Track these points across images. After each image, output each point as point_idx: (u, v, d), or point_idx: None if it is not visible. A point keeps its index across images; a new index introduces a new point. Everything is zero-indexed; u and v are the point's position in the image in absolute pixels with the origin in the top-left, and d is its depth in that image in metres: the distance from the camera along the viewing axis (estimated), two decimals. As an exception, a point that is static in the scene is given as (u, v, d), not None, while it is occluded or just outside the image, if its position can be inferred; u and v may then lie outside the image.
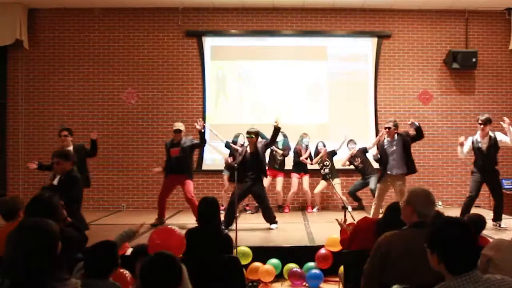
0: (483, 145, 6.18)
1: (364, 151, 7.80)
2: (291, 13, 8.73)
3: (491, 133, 6.22)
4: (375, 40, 8.73)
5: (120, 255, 2.69)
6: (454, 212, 7.17)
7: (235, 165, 6.22)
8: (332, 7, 8.66)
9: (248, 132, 6.38)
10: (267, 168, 7.88)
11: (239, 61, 8.78)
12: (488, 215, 5.81)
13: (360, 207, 7.83)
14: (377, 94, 8.71)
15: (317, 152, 7.94)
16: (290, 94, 8.71)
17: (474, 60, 8.44)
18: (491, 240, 3.26)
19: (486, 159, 6.17)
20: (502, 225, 6.11)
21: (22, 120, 8.58)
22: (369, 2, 8.39)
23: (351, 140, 7.95)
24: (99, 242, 2.57)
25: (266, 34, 8.75)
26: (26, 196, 7.55)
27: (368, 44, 8.77)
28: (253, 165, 6.29)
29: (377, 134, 8.47)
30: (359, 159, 7.78)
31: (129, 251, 4.57)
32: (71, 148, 6.21)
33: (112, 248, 2.50)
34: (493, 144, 6.16)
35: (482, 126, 6.18)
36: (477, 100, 8.78)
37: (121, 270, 2.97)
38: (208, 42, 8.78)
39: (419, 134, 6.21)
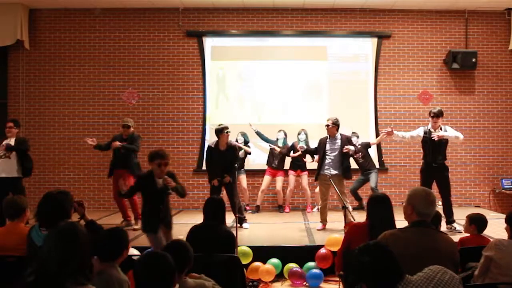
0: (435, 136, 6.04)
1: (367, 146, 7.80)
2: (291, 13, 8.74)
3: (442, 126, 6.15)
4: (375, 40, 8.74)
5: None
6: (454, 211, 7.17)
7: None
8: (332, 7, 8.68)
9: (226, 128, 6.31)
10: (267, 167, 7.97)
11: (239, 61, 8.79)
12: (488, 214, 5.81)
13: (360, 207, 7.84)
14: (377, 94, 8.72)
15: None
16: (290, 94, 8.73)
17: (474, 60, 8.45)
18: (491, 240, 3.27)
19: (435, 152, 6.06)
20: (457, 228, 5.94)
21: (23, 120, 8.56)
22: (369, 2, 8.40)
23: (353, 133, 7.94)
24: (110, 229, 2.80)
25: (266, 34, 8.76)
26: (28, 195, 7.56)
27: (368, 44, 8.78)
28: (226, 162, 6.28)
29: (377, 134, 8.49)
30: (360, 153, 7.78)
31: (130, 251, 4.60)
32: (13, 139, 6.20)
33: (123, 233, 2.72)
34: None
35: (434, 118, 6.08)
36: (477, 100, 8.80)
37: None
38: (209, 42, 8.79)
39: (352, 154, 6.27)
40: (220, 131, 6.22)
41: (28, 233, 3.10)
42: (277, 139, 7.92)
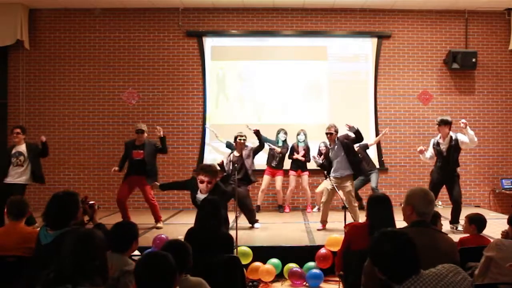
0: (443, 147, 6.11)
1: (365, 147, 7.80)
2: (291, 13, 8.74)
3: (452, 134, 6.14)
4: (375, 40, 8.74)
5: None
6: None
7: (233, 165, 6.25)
8: (332, 7, 8.68)
9: (240, 136, 6.54)
10: (266, 167, 7.97)
11: (239, 61, 8.80)
12: (488, 214, 5.82)
13: (360, 207, 7.83)
14: (377, 94, 8.72)
15: (319, 153, 7.94)
16: (290, 94, 8.73)
17: (474, 60, 8.45)
18: (491, 240, 3.27)
19: (446, 161, 6.10)
20: (459, 228, 5.99)
21: (23, 120, 8.59)
22: (369, 2, 8.40)
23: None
24: (120, 222, 2.99)
25: (266, 34, 8.76)
26: (28, 195, 7.55)
27: (368, 44, 8.78)
28: (239, 168, 6.40)
29: (377, 134, 8.49)
30: (360, 155, 7.77)
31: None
32: (24, 146, 6.30)
33: (131, 225, 2.92)
34: (454, 145, 6.08)
35: (438, 127, 6.14)
36: (476, 100, 8.80)
37: None
38: (209, 42, 8.79)
39: (358, 136, 6.21)
40: (234, 139, 6.68)
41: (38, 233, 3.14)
42: (278, 140, 7.91)
